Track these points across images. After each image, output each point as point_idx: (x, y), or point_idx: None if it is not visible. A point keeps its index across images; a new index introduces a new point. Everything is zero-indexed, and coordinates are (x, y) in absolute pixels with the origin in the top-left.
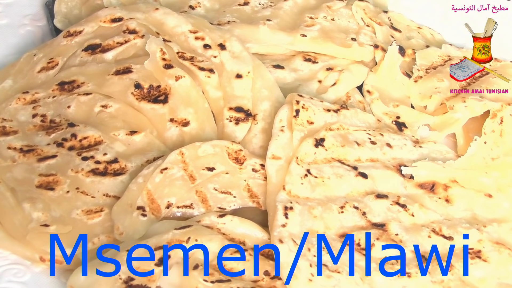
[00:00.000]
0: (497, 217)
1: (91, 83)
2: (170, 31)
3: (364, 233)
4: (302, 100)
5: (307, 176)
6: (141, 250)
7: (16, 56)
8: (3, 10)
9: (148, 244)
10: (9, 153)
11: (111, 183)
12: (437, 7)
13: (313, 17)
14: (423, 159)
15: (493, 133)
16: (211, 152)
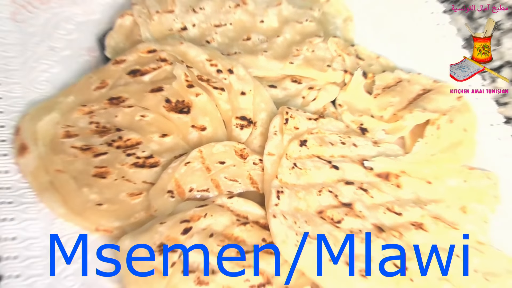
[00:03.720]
0: (435, 198)
1: (132, 98)
2: (191, 59)
3: (336, 210)
4: (290, 111)
5: (294, 168)
6: (141, 250)
7: (77, 79)
8: (67, 44)
9: (175, 218)
10: (72, 151)
11: (148, 173)
12: (390, 42)
13: (299, 49)
14: (380, 155)
15: (432, 136)
16: (222, 150)
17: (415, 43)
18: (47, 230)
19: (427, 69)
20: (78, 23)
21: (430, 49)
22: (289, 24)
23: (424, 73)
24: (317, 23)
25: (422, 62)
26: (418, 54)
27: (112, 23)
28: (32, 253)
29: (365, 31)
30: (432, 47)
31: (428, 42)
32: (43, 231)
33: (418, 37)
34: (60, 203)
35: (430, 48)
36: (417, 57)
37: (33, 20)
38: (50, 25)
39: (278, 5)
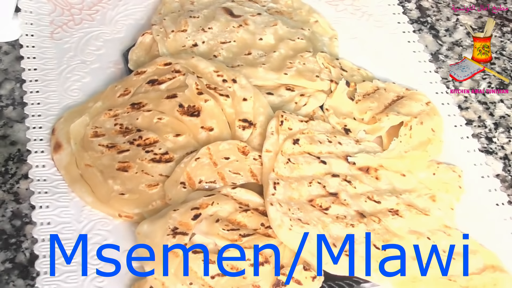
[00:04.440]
0: (408, 188)
1: (151, 104)
2: (201, 71)
3: (324, 199)
4: (285, 115)
5: (288, 163)
6: (141, 250)
7: (104, 87)
8: (96, 58)
9: (187, 205)
10: (99, 148)
11: (164, 167)
12: (369, 57)
13: (292, 62)
14: (361, 152)
15: (405, 135)
16: (227, 147)
17: (390, 57)
18: (77, 216)
19: (400, 79)
20: (105, 40)
21: (402, 62)
22: (284, 41)
23: (398, 82)
24: (307, 40)
25: (396, 73)
26: (393, 67)
27: (134, 41)
28: (64, 236)
29: (348, 47)
30: (404, 61)
31: (400, 56)
32: (73, 217)
33: (392, 52)
34: (88, 193)
35: (402, 61)
36: (392, 69)
37: (68, 38)
38: (82, 42)
39: (274, 26)
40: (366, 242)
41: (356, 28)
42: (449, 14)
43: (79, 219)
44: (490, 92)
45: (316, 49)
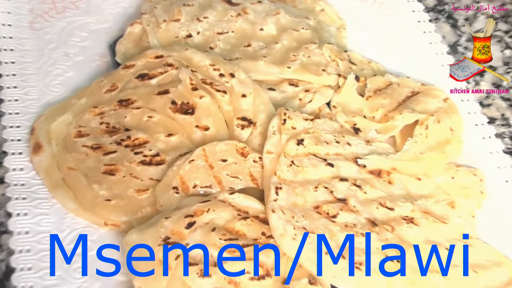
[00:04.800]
0: (424, 194)
1: (141, 100)
2: (196, 64)
3: (331, 205)
4: (288, 112)
5: (292, 166)
6: (141, 250)
7: (89, 82)
8: (80, 50)
9: (180, 212)
10: (83, 149)
11: (154, 170)
12: (380, 48)
13: (296, 55)
14: (372, 153)
15: (421, 135)
16: (224, 148)
17: (403, 49)
18: (59, 225)
19: (415, 73)
20: (90, 31)
21: (417, 55)
22: (287, 31)
23: (412, 77)
24: (312, 30)
25: (410, 67)
26: (407, 59)
27: (123, 31)
28: (44, 247)
29: (357, 38)
30: (419, 53)
31: (415, 48)
32: (54, 226)
33: (406, 44)
34: (71, 199)
35: (418, 53)
36: (406, 62)
37: (49, 28)
38: (65, 33)
39: (276, 14)
40: (366, 242)
41: (366, 17)
42: (469, 1)
43: (61, 228)
44: (491, 92)
45: (322, 40)
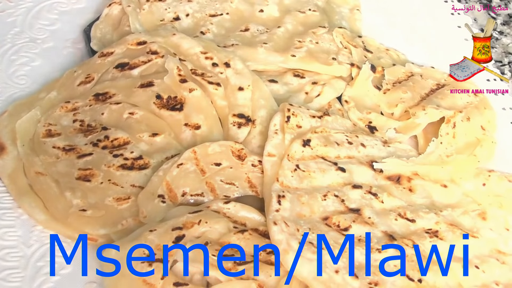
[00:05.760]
0: (451, 203)
1: (120, 94)
2: (185, 52)
3: (343, 216)
4: (292, 108)
5: (296, 170)
6: (141, 250)
7: (60, 73)
8: (50, 35)
9: (166, 225)
10: (54, 151)
11: (137, 175)
12: (401, 33)
13: (301, 41)
14: (390, 156)
15: (447, 135)
16: (218, 150)
17: (428, 34)
18: (25, 239)
19: (441, 62)
20: (61, 12)
21: (444, 41)
22: (291, 13)
23: (438, 67)
24: (321, 12)
25: (435, 55)
26: (431, 46)
27: (99, 13)
28: (9, 264)
29: (373, 21)
30: (446, 39)
31: (441, 33)
32: (21, 240)
33: (431, 28)
34: (40, 209)
35: (444, 39)
36: (430, 50)
37: (12, 9)
38: (31, 15)
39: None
40: (366, 242)
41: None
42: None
43: (28, 243)
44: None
45: (332, 24)
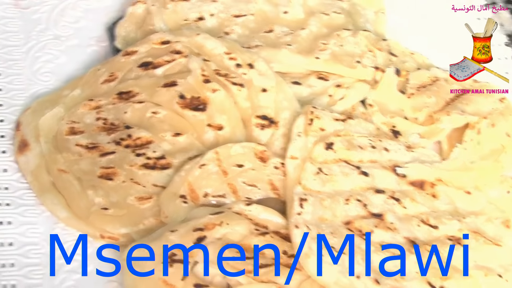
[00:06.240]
0: (474, 210)
1: (144, 93)
2: (208, 52)
3: (365, 221)
4: (316, 111)
5: (319, 174)
6: (141, 250)
7: (84, 70)
8: (74, 32)
9: (188, 225)
10: (76, 149)
11: (159, 175)
12: (426, 37)
13: (326, 43)
14: (414, 161)
15: (472, 141)
16: (241, 152)
17: (453, 39)
18: (47, 236)
19: None
20: (86, 10)
21: (469, 46)
22: (315, 15)
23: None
24: (346, 15)
25: (460, 60)
26: (456, 51)
27: (123, 11)
28: (30, 261)
29: (398, 25)
30: (472, 43)
31: (467, 37)
32: (43, 237)
33: (457, 32)
34: (62, 206)
35: (469, 44)
36: (455, 54)
37: (38, 6)
38: (56, 12)
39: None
40: (366, 242)
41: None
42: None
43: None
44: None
45: (357, 27)
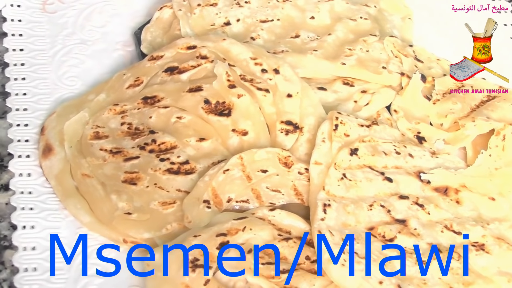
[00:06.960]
0: (498, 216)
1: (169, 98)
2: (234, 57)
3: (388, 227)
4: (341, 117)
5: (343, 179)
6: (141, 250)
7: (109, 75)
8: (100, 37)
9: (211, 230)
10: (101, 153)
11: (183, 180)
12: (452, 43)
13: (351, 49)
14: (438, 167)
15: (497, 147)
16: (265, 157)
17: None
18: (71, 240)
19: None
20: (112, 14)
21: (496, 51)
22: (342, 21)
23: (488, 79)
24: (372, 20)
25: (486, 66)
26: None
27: (150, 16)
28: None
29: (425, 31)
30: (499, 49)
31: (494, 43)
32: (66, 242)
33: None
34: (85, 211)
35: (497, 50)
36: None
37: (64, 10)
38: (83, 17)
39: (330, 0)
40: (366, 242)
41: (436, 5)
42: None
43: (73, 245)
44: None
45: (383, 32)
